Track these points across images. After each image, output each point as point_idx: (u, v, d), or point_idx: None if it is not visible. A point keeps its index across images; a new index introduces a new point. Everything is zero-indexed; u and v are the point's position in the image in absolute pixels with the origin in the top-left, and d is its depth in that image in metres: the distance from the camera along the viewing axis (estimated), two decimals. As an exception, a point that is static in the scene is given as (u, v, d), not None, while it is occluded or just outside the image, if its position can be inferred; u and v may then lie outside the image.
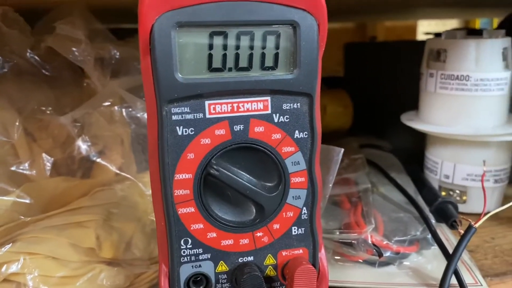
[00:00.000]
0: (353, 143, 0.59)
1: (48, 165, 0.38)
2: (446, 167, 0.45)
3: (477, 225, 0.34)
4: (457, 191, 0.46)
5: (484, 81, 0.41)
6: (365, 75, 0.76)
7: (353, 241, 0.35)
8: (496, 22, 1.14)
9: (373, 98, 0.72)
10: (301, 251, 0.28)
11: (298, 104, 0.26)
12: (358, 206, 0.40)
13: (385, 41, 0.87)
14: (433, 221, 0.38)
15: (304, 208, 0.28)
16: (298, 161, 0.27)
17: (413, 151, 0.54)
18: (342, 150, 0.34)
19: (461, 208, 0.45)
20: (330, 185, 0.34)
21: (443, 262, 0.34)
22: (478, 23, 1.30)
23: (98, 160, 0.39)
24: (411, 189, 0.45)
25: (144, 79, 0.25)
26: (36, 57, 0.41)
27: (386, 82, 0.68)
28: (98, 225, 0.33)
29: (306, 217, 0.28)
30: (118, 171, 0.40)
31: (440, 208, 0.40)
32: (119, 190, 0.37)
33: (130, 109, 0.38)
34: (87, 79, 0.41)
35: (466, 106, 0.43)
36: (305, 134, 0.27)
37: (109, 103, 0.38)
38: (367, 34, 1.09)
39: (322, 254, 0.29)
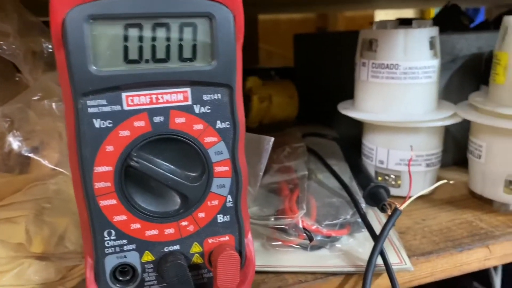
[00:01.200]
0: (297, 132, 0.60)
1: (-22, 162, 0.37)
2: (381, 153, 0.47)
3: (402, 207, 0.36)
4: (392, 176, 0.48)
5: (412, 69, 0.43)
6: (312, 65, 0.77)
7: (285, 227, 0.36)
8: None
9: (320, 88, 0.74)
10: (227, 238, 0.29)
11: (219, 94, 0.27)
12: (294, 192, 0.41)
13: (330, 32, 0.88)
14: (363, 205, 0.40)
15: (229, 196, 0.28)
16: (221, 151, 0.28)
17: (356, 138, 0.56)
18: (272, 139, 0.35)
19: (397, 192, 0.47)
20: (261, 173, 0.34)
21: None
22: (433, 13, 1.34)
23: (32, 155, 0.38)
24: (347, 175, 0.46)
25: (59, 72, 0.25)
26: (-36, 52, 0.40)
27: (331, 72, 0.70)
28: (29, 220, 0.33)
29: (231, 205, 0.29)
30: (53, 166, 0.40)
31: (372, 192, 0.41)
32: (52, 184, 0.37)
33: (61, 103, 0.38)
34: (19, 73, 0.40)
35: (396, 94, 0.44)
36: (227, 124, 0.27)
37: (38, 97, 0.37)
38: (328, 25, 1.11)
39: (248, 239, 0.30)
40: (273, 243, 0.38)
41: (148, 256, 0.28)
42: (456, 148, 0.56)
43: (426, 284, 0.68)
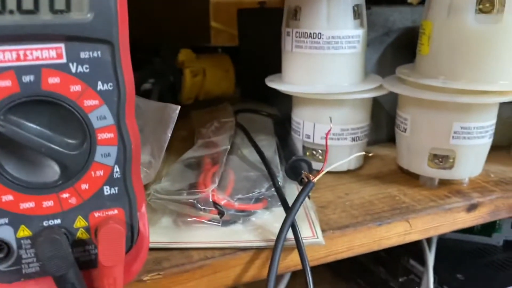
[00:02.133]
0: (230, 108, 0.58)
1: None
2: (307, 127, 0.46)
3: (315, 179, 0.34)
4: (319, 151, 0.46)
5: (335, 39, 0.41)
6: (255, 41, 0.75)
7: (194, 201, 0.34)
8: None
9: (262, 65, 0.72)
10: (116, 211, 0.27)
11: (98, 52, 0.24)
12: (214, 167, 0.40)
13: (272, 7, 0.86)
14: (280, 178, 0.38)
15: (116, 166, 0.26)
16: (105, 116, 0.25)
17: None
18: (179, 107, 0.33)
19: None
20: (165, 144, 0.32)
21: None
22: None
23: None
24: (271, 150, 0.45)
25: None
26: None
27: (271, 48, 0.67)
28: None
29: (119, 176, 0.26)
30: None
31: (294, 166, 0.40)
32: None
33: None
34: None
35: (320, 64, 0.42)
36: (110, 86, 0.25)
37: None
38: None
39: (142, 213, 0.28)
40: (186, 219, 0.36)
41: (24, 231, 0.25)
42: (390, 124, 0.55)
43: (368, 266, 0.67)
